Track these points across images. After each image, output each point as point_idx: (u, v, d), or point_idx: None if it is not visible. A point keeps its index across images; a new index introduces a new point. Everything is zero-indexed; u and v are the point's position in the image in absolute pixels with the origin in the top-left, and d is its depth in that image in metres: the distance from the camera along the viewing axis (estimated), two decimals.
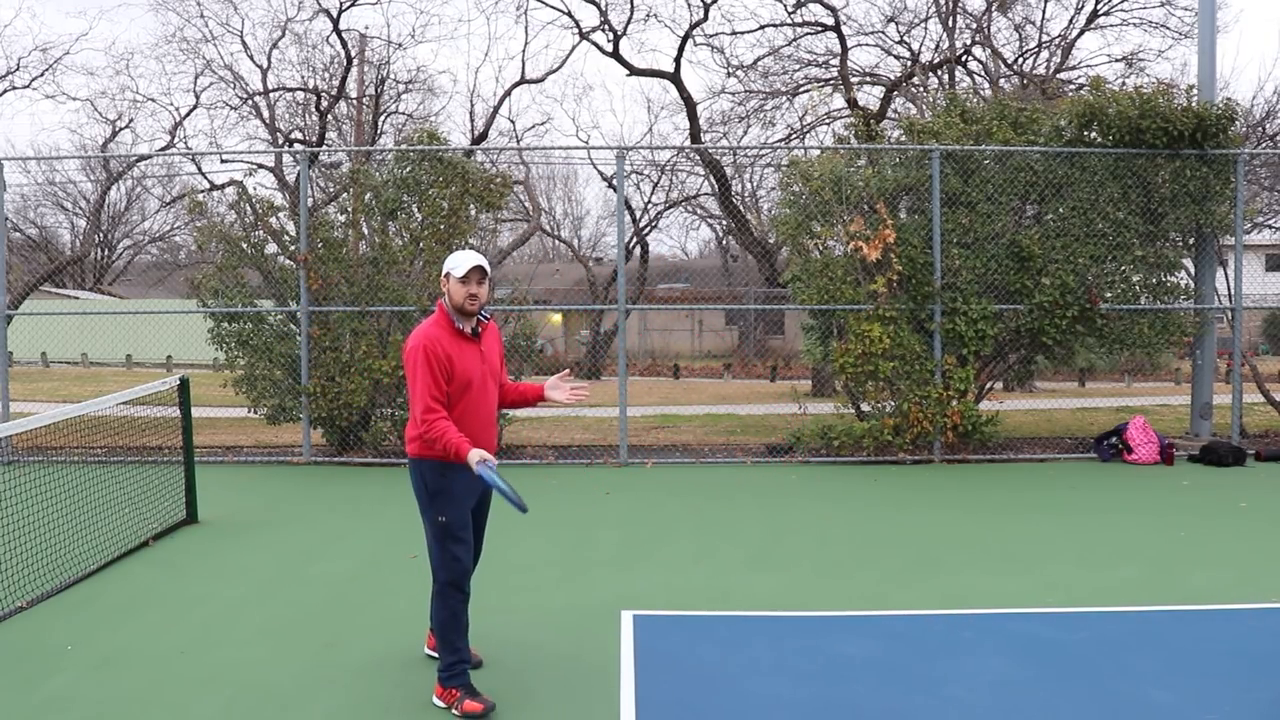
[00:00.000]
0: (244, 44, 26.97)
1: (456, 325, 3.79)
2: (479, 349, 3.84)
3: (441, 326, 3.78)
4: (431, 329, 3.77)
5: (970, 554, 6.07)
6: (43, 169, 33.05)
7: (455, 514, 3.78)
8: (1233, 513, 7.26)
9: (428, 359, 3.68)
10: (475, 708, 3.64)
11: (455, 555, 3.78)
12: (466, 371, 3.76)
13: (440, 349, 3.71)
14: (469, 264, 3.74)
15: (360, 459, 9.70)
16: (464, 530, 3.80)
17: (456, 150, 10.13)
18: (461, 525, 3.79)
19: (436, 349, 3.70)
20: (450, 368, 3.72)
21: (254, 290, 10.11)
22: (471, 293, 3.75)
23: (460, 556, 3.79)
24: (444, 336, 3.75)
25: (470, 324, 3.83)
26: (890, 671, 4.06)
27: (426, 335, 3.73)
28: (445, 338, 3.75)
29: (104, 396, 6.30)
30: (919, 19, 19.77)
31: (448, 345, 3.74)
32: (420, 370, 3.69)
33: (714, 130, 20.33)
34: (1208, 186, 9.61)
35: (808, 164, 10.03)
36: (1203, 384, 10.37)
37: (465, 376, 3.76)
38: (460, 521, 3.79)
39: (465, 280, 3.75)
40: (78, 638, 4.53)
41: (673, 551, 6.19)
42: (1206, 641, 4.39)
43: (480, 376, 3.82)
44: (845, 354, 9.40)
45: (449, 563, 3.77)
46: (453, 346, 3.75)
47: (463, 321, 3.81)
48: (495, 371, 3.94)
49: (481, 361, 3.84)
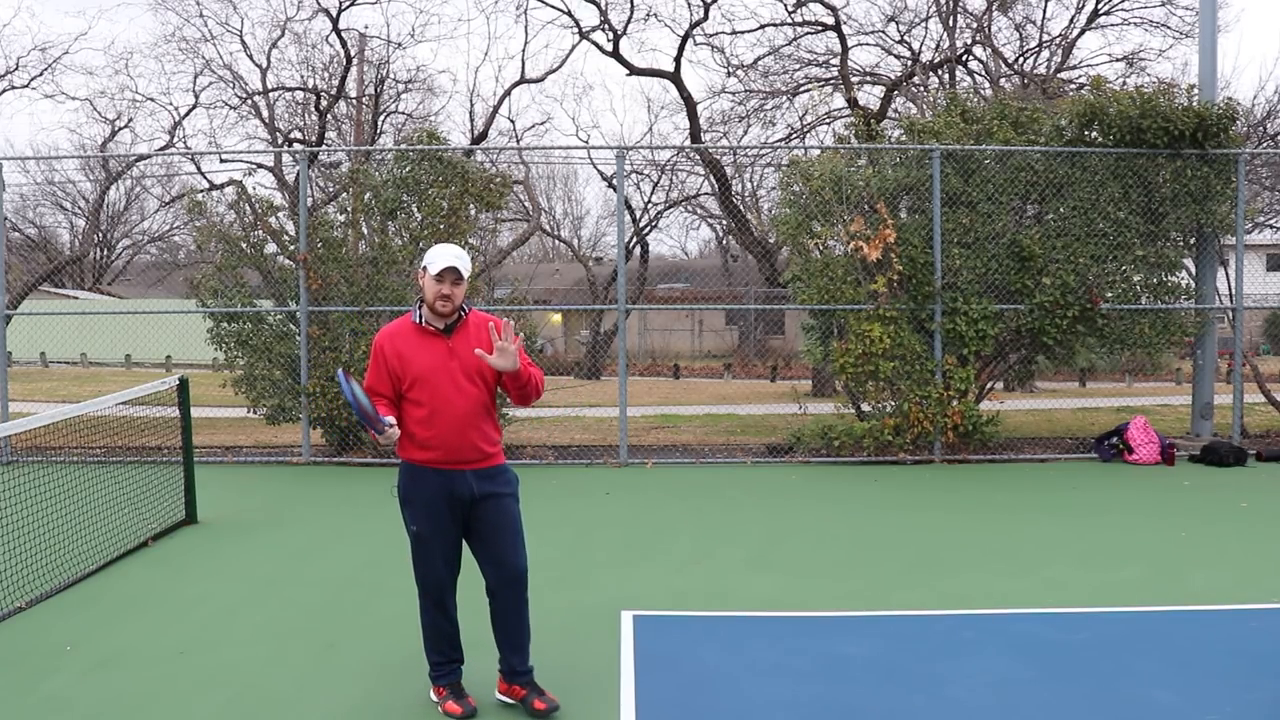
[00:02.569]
0: (243, 43, 27.03)
1: (420, 321, 3.58)
2: (446, 345, 3.56)
3: (403, 322, 3.64)
4: (391, 325, 3.66)
5: (971, 554, 6.06)
6: (42, 169, 33.09)
7: (426, 524, 3.58)
8: (1234, 513, 7.25)
9: (375, 353, 3.60)
10: (454, 709, 3.61)
11: (425, 564, 3.63)
12: (421, 369, 3.53)
13: (391, 345, 3.57)
14: (444, 261, 3.50)
15: (360, 459, 9.69)
16: (437, 539, 3.59)
17: (456, 150, 10.13)
18: (433, 534, 3.58)
19: (386, 345, 3.58)
20: (401, 366, 3.54)
21: (253, 290, 10.11)
22: (444, 293, 3.52)
23: (432, 568, 3.62)
24: (402, 332, 3.60)
25: (443, 320, 3.59)
26: (890, 671, 4.05)
27: (384, 330, 3.65)
28: (403, 334, 3.59)
29: (103, 396, 6.30)
30: (919, 18, 19.73)
31: (402, 342, 3.57)
32: (370, 363, 3.64)
33: (714, 130, 20.34)
34: (1209, 186, 9.60)
35: (808, 164, 10.03)
36: (1203, 384, 10.36)
37: (418, 374, 3.53)
38: (431, 530, 3.58)
39: (440, 279, 3.51)
40: (77, 638, 4.53)
41: (673, 551, 6.18)
42: (1207, 641, 4.38)
43: (442, 374, 3.53)
44: (845, 354, 9.39)
45: (418, 572, 3.66)
46: (409, 343, 3.56)
47: (432, 318, 3.58)
48: (472, 370, 3.56)
49: (449, 358, 3.55)
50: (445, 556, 3.62)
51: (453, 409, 3.53)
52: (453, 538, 3.63)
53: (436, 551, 3.60)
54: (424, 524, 3.59)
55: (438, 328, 3.58)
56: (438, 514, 3.57)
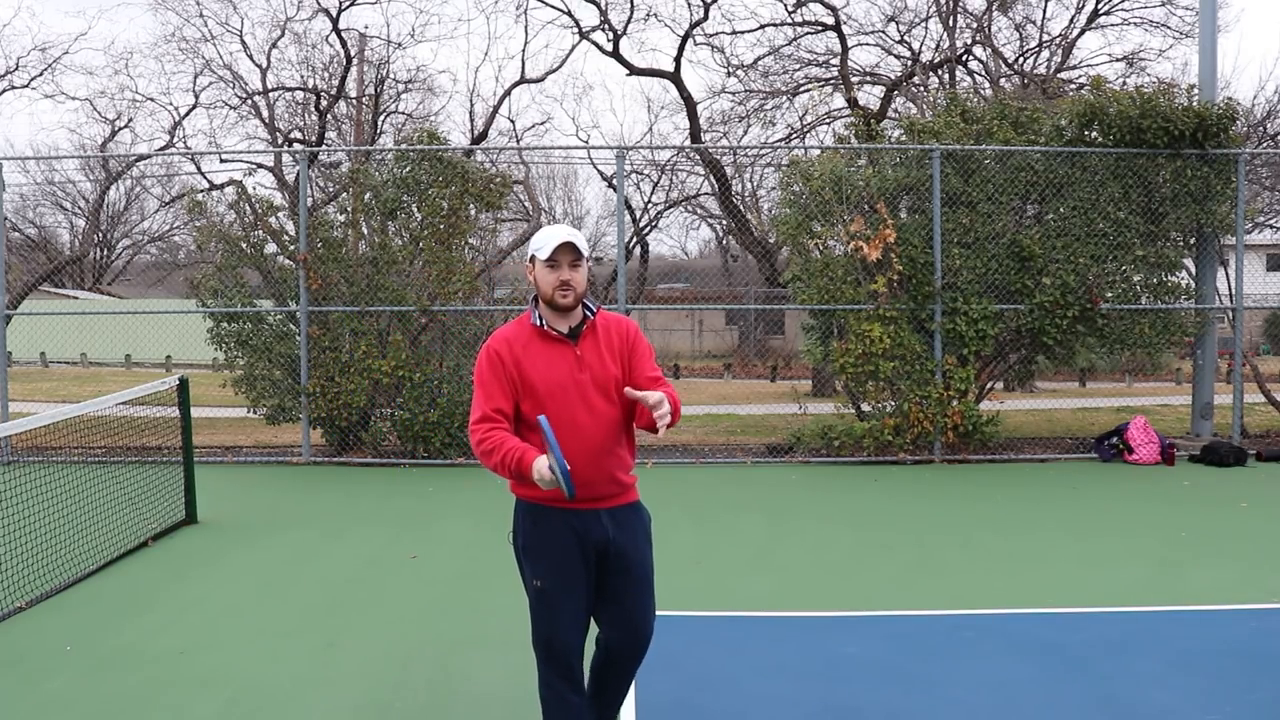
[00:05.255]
0: (243, 43, 26.98)
1: (541, 324, 2.96)
2: (574, 353, 2.94)
3: (520, 325, 3.01)
4: (507, 328, 3.02)
5: (970, 554, 6.06)
6: (42, 169, 33.05)
7: (553, 578, 2.93)
8: (1234, 513, 7.25)
9: (490, 364, 2.94)
10: None
11: (551, 626, 2.95)
12: (547, 380, 2.90)
13: (510, 352, 2.93)
14: (557, 239, 2.89)
15: (360, 459, 9.69)
16: (566, 596, 2.93)
17: (456, 150, 10.13)
18: (562, 589, 2.93)
19: (504, 352, 2.93)
20: (520, 375, 2.92)
21: (253, 290, 10.11)
22: (564, 279, 2.90)
23: (560, 630, 2.94)
24: (520, 337, 2.97)
25: (567, 322, 2.97)
26: (890, 671, 4.05)
27: (495, 336, 3.01)
28: (521, 339, 2.96)
29: (103, 396, 6.30)
30: (919, 18, 19.73)
31: (520, 349, 2.94)
32: (478, 378, 2.96)
33: (714, 130, 20.34)
34: (1209, 186, 9.60)
35: (808, 164, 10.03)
36: (1203, 384, 10.36)
37: (543, 386, 2.90)
38: (562, 585, 2.93)
39: (553, 263, 2.90)
40: (78, 638, 4.53)
41: (673, 551, 6.17)
42: (1206, 641, 4.38)
43: (571, 386, 2.91)
44: (845, 354, 9.39)
45: (541, 635, 2.97)
46: (529, 350, 2.94)
47: (553, 319, 2.96)
48: (605, 382, 2.96)
49: (577, 369, 2.93)
50: (576, 616, 2.95)
51: (583, 433, 2.91)
52: (585, 592, 2.97)
53: (566, 611, 2.94)
54: (551, 578, 2.94)
55: (561, 332, 2.96)
56: (568, 565, 2.94)
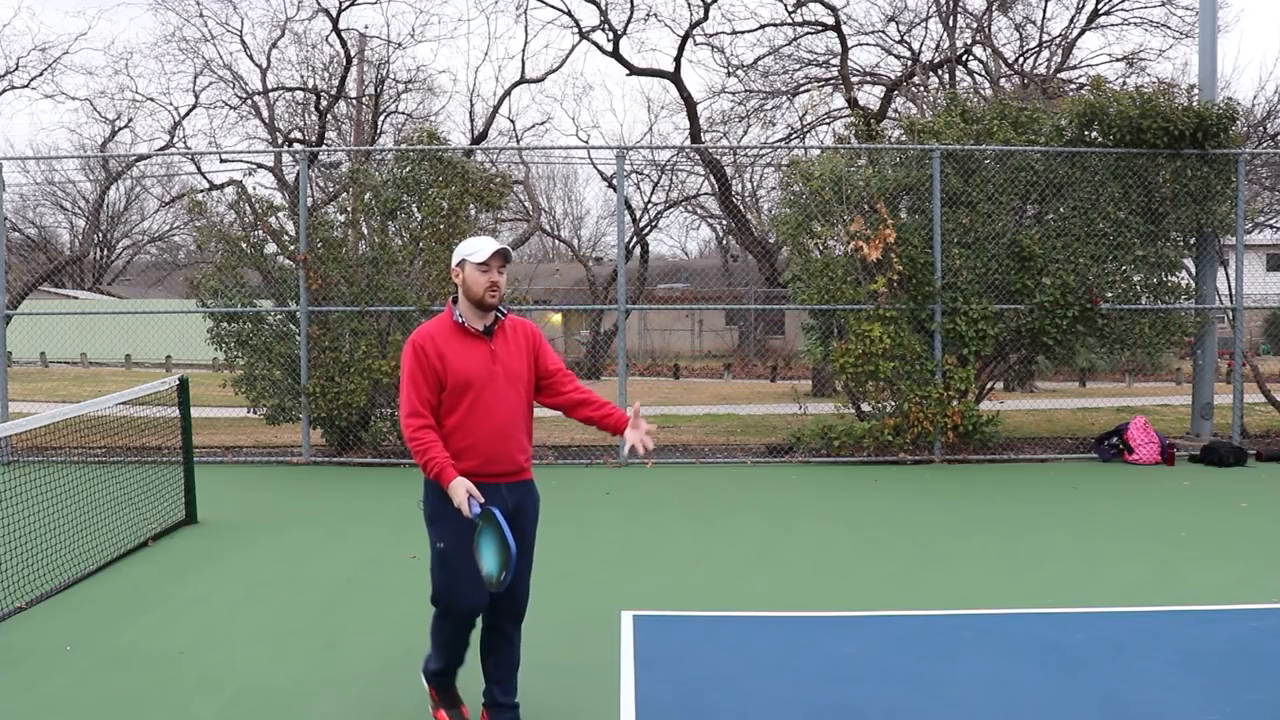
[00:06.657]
0: (243, 43, 27.05)
1: (462, 321, 3.35)
2: (488, 348, 3.35)
3: (441, 322, 3.39)
4: (429, 325, 3.40)
5: (970, 554, 6.06)
6: (42, 169, 33.09)
7: (456, 543, 3.27)
8: (1234, 513, 7.25)
9: (416, 357, 3.29)
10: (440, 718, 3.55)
11: (451, 587, 3.34)
12: (466, 372, 3.29)
13: (433, 346, 3.30)
14: (492, 247, 3.32)
15: (360, 459, 9.69)
16: (467, 559, 3.23)
17: (456, 150, 10.13)
18: (463, 553, 3.25)
19: (427, 346, 3.29)
20: (443, 368, 3.29)
21: (253, 290, 10.11)
22: (493, 280, 3.32)
23: (459, 591, 3.33)
24: (442, 332, 3.35)
25: (483, 321, 3.38)
26: (890, 671, 4.05)
27: (419, 332, 3.36)
28: (443, 334, 3.34)
29: (103, 396, 6.29)
30: (919, 18, 19.74)
31: (443, 343, 3.31)
32: (405, 371, 3.32)
33: (714, 130, 20.34)
34: (1209, 186, 9.60)
35: (808, 164, 10.03)
36: (1203, 384, 10.36)
37: (463, 377, 3.29)
38: (462, 549, 3.25)
39: (486, 267, 3.31)
40: (78, 638, 4.53)
41: (673, 551, 6.18)
42: (1206, 641, 4.38)
43: (487, 378, 3.31)
44: (845, 354, 9.39)
45: (442, 594, 3.39)
46: (450, 344, 3.32)
47: (474, 318, 3.37)
48: (515, 374, 3.39)
49: (491, 361, 3.34)
50: (474, 578, 3.20)
51: (494, 417, 3.32)
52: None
53: (464, 573, 3.26)
54: (453, 542, 3.28)
55: (478, 329, 3.37)
56: (468, 531, 3.21)
